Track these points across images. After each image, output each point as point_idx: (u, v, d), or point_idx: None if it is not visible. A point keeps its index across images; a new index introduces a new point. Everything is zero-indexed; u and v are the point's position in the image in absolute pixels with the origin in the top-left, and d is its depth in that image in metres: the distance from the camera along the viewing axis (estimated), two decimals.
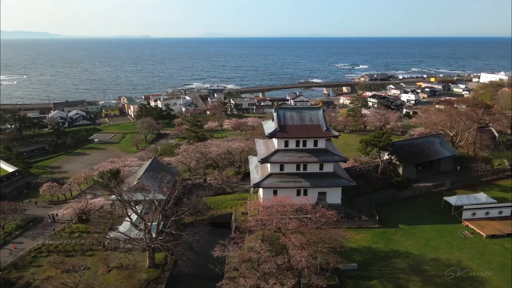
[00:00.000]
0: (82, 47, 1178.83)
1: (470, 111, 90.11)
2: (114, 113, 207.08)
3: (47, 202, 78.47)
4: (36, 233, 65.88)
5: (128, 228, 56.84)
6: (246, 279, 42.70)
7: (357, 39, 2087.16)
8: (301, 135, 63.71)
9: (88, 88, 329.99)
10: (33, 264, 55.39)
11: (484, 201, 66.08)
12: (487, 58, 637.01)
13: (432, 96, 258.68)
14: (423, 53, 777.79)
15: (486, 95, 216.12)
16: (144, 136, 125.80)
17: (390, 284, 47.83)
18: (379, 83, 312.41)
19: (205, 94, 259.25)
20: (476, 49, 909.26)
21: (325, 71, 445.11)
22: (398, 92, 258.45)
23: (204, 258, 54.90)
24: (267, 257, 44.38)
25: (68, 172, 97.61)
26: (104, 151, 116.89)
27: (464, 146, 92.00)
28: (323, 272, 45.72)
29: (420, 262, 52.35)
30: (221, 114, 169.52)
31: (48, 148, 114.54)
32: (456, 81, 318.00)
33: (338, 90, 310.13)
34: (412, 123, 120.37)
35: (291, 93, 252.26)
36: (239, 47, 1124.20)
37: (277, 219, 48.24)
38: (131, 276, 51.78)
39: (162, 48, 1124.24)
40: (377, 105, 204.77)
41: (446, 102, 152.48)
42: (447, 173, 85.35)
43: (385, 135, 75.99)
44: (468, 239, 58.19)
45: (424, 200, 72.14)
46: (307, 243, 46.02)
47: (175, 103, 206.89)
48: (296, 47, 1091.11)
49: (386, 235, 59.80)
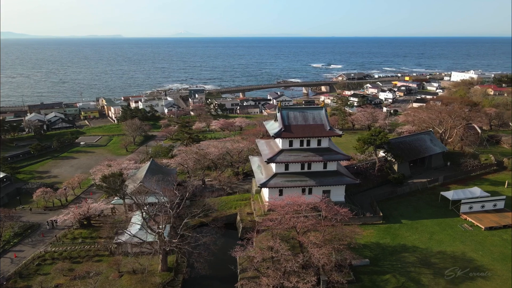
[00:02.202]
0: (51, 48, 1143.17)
1: (459, 109, 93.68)
2: (94, 115, 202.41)
3: (42, 208, 75.86)
4: (36, 240, 63.73)
5: (137, 231, 56.10)
6: (269, 278, 43.02)
7: (330, 39, 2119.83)
8: (305, 135, 64.52)
9: (61, 90, 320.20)
10: (39, 272, 53.60)
11: (479, 195, 69.01)
12: (455, 57, 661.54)
13: (408, 94, 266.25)
14: (394, 53, 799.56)
15: (459, 93, 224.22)
16: (133, 138, 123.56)
17: (403, 278, 49.38)
18: (357, 82, 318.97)
19: (185, 95, 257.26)
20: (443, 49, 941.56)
21: (302, 71, 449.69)
22: (376, 91, 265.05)
23: (213, 259, 54.78)
24: (288, 256, 44.83)
25: (58, 177, 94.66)
26: (92, 154, 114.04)
27: (451, 142, 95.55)
28: (341, 269, 46.67)
29: (427, 256, 54.24)
30: (206, 115, 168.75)
31: (33, 152, 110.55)
32: (429, 80, 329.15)
33: (317, 89, 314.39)
34: (400, 121, 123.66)
35: (272, 93, 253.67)
36: (215, 47, 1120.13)
37: (294, 217, 48.78)
38: (145, 281, 51.06)
39: (135, 48, 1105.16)
40: (357, 103, 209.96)
41: (435, 100, 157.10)
42: (437, 168, 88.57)
43: (381, 134, 77.94)
44: (469, 232, 60.72)
45: (421, 195, 74.65)
46: (324, 241, 46.81)
47: (157, 104, 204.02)
48: (270, 47, 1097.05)
49: (391, 230, 61.56)
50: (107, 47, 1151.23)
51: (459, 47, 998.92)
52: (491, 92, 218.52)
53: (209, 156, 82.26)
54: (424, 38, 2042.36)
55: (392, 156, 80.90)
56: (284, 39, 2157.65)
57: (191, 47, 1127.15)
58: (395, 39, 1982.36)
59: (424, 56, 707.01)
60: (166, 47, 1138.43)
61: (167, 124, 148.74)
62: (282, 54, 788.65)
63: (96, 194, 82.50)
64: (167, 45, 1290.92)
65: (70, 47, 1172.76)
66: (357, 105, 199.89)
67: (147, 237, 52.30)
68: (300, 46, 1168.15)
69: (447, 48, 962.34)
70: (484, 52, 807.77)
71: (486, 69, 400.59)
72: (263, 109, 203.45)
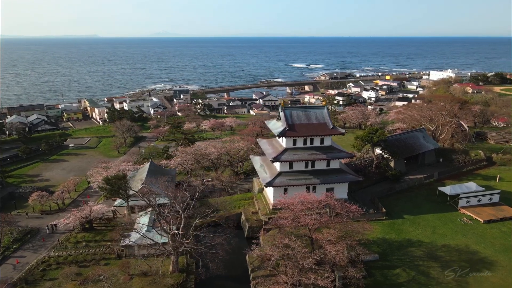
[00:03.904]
0: (24, 48, 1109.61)
1: (450, 107, 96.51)
2: (77, 117, 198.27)
3: (38, 212, 73.82)
4: (37, 245, 62.09)
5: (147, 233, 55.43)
6: (287, 276, 43.39)
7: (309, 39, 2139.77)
8: (309, 134, 65.20)
9: (38, 92, 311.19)
10: (46, 278, 52.26)
11: (474, 189, 71.25)
12: (432, 57, 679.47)
13: (390, 93, 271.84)
14: (373, 52, 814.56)
15: (439, 91, 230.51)
16: (124, 139, 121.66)
17: (413, 271, 50.64)
18: (339, 81, 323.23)
19: (170, 95, 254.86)
20: (420, 49, 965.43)
21: (284, 71, 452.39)
22: (359, 90, 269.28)
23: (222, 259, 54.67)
24: (304, 253, 45.32)
25: (50, 180, 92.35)
26: (83, 157, 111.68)
27: (442, 139, 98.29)
28: (354, 264, 47.49)
29: (433, 249, 55.77)
30: (195, 115, 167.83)
31: (21, 155, 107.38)
32: (409, 79, 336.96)
33: (301, 89, 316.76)
34: (390, 119, 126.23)
35: (258, 93, 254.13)
36: (194, 47, 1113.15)
37: (307, 215, 49.28)
38: (156, 282, 50.54)
39: (113, 48, 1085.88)
40: (342, 102, 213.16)
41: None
42: (430, 165, 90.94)
43: (379, 131, 79.49)
44: (469, 225, 62.74)
45: (418, 191, 76.52)
46: (337, 237, 47.52)
47: (143, 105, 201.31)
48: (251, 47, 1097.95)
49: (394, 225, 62.96)
50: (83, 48, 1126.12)
51: (435, 47, 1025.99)
52: (470, 91, 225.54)
53: (209, 156, 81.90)
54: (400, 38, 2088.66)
55: (389, 153, 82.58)
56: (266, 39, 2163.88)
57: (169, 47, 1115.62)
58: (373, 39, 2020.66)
59: (402, 55, 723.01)
60: (145, 47, 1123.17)
61: (157, 125, 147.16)
62: (263, 54, 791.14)
63: (93, 197, 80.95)
64: (145, 45, 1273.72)
65: (42, 47, 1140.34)
66: (343, 104, 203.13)
67: (160, 238, 51.69)
68: (279, 46, 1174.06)
69: (422, 48, 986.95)
70: (459, 51, 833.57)
71: (462, 68, 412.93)
72: (251, 109, 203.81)
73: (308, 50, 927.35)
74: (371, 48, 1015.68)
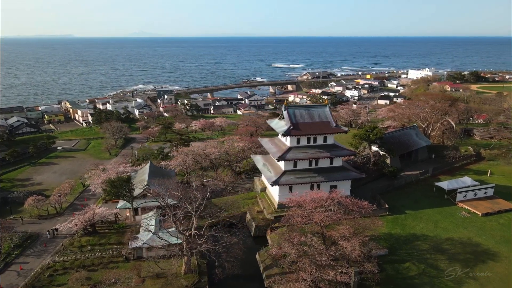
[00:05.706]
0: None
1: (441, 105, 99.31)
2: (59, 119, 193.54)
3: (35, 217, 71.68)
4: (39, 251, 60.33)
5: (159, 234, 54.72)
6: (306, 273, 43.81)
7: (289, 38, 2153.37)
8: (313, 132, 65.88)
9: (16, 93, 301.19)
10: (53, 284, 50.95)
11: (470, 184, 73.77)
12: (408, 56, 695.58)
13: (371, 92, 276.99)
14: (352, 52, 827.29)
15: (419, 90, 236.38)
16: (114, 141, 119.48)
17: (422, 265, 52.05)
18: (321, 80, 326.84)
19: (153, 96, 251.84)
20: (396, 48, 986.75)
21: (266, 71, 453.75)
22: (341, 89, 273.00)
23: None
24: (322, 250, 45.85)
25: (42, 184, 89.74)
26: (73, 159, 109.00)
27: (434, 136, 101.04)
28: (369, 259, 48.37)
29: (438, 243, 57.41)
30: (183, 115, 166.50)
31: (9, 159, 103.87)
32: (388, 78, 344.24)
33: (284, 88, 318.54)
34: (380, 117, 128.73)
35: (243, 93, 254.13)
36: (173, 47, 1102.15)
37: (320, 212, 49.87)
38: (170, 284, 50.13)
39: (90, 48, 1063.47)
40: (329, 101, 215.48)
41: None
42: (423, 161, 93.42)
43: (376, 129, 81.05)
44: (468, 218, 64.86)
45: (416, 187, 78.48)
46: (351, 233, 48.29)
47: (127, 106, 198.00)
48: (230, 47, 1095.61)
49: (398, 221, 64.43)
50: (59, 48, 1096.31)
51: (411, 47, 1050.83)
52: (448, 89, 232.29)
53: (209, 156, 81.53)
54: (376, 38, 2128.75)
55: (385, 150, 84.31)
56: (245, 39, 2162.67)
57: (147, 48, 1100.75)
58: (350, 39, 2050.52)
59: (379, 55, 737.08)
60: (122, 48, 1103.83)
61: (146, 126, 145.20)
62: (244, 53, 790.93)
63: (91, 200, 79.24)
64: (122, 46, 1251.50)
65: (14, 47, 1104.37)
66: (331, 103, 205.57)
67: (176, 239, 51.20)
68: (259, 46, 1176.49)
69: (400, 48, 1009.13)
70: (435, 51, 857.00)
71: (438, 67, 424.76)
72: (237, 109, 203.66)
73: (290, 50, 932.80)
74: (349, 47, 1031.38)
